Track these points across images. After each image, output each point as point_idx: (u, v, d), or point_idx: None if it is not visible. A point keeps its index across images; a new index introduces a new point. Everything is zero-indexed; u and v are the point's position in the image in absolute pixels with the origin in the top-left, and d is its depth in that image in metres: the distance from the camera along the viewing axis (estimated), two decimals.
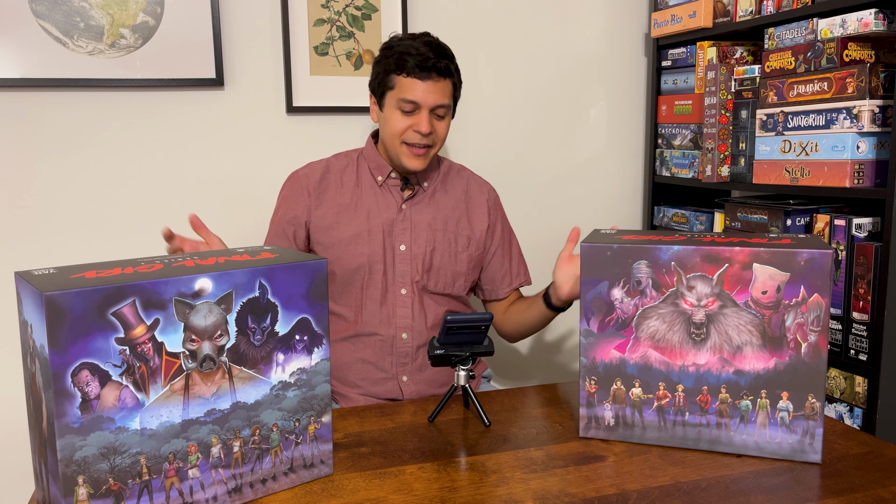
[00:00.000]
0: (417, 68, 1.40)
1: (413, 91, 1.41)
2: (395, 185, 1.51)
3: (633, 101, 2.21)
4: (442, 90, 1.43)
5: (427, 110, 1.42)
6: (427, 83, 1.41)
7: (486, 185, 1.61)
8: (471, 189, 1.58)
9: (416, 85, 1.40)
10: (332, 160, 1.55)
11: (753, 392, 1.04)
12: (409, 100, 1.41)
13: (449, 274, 1.51)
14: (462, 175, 1.59)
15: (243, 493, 0.94)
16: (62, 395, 0.78)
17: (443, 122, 1.46)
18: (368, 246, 1.47)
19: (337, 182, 1.51)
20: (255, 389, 0.93)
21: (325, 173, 1.52)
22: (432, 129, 1.43)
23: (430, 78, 1.41)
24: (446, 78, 1.43)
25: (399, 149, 1.44)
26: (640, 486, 0.97)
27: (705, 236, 1.11)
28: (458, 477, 1.00)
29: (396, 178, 1.51)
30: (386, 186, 1.51)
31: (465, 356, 1.19)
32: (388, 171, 1.50)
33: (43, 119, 1.73)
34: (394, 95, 1.43)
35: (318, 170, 1.52)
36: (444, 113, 1.45)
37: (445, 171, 1.57)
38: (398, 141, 1.44)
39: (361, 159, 1.54)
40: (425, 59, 1.40)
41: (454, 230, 1.53)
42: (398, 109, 1.43)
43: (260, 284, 0.91)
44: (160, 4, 1.75)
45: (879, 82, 1.47)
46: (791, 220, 1.66)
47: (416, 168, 1.45)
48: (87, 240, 1.79)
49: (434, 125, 1.44)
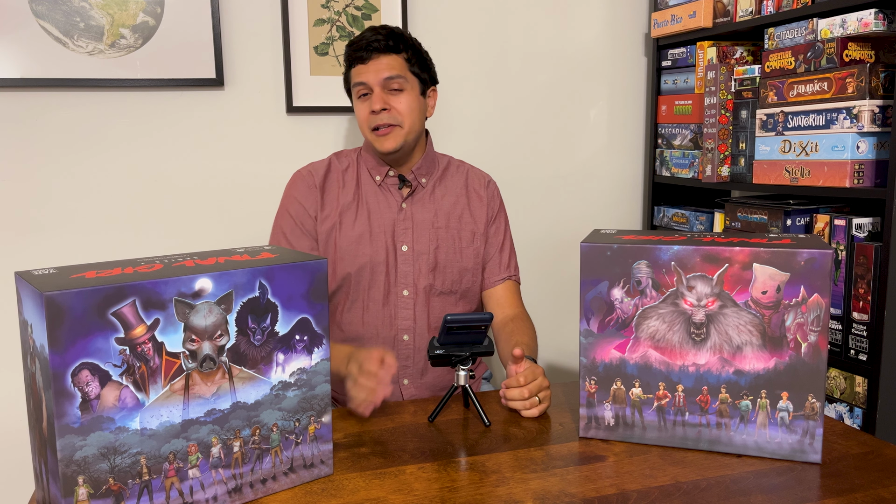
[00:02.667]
0: (360, 51, 1.44)
1: (360, 74, 1.44)
2: (395, 183, 1.50)
3: (633, 101, 2.21)
4: (387, 65, 1.43)
5: (378, 88, 1.43)
6: (369, 63, 1.44)
7: (485, 176, 1.59)
8: (470, 181, 1.57)
9: (361, 69, 1.45)
10: (334, 159, 1.54)
11: (753, 392, 1.04)
12: (358, 82, 1.45)
13: (455, 270, 1.50)
14: (461, 169, 1.58)
15: (243, 493, 0.94)
16: (62, 395, 0.78)
17: (401, 96, 1.44)
18: (370, 247, 1.46)
19: (339, 182, 1.51)
20: (255, 389, 0.93)
21: (327, 173, 1.51)
22: (387, 105, 1.43)
23: (371, 57, 1.43)
24: (390, 53, 1.44)
25: (370, 136, 1.46)
26: (640, 486, 0.97)
27: (705, 236, 1.11)
28: (458, 477, 1.00)
29: (395, 177, 1.51)
30: (385, 186, 1.50)
31: (465, 356, 1.19)
32: (385, 170, 1.50)
33: (43, 119, 1.73)
34: (353, 89, 1.47)
35: (321, 169, 1.51)
36: (398, 86, 1.44)
37: (444, 167, 1.56)
38: (367, 129, 1.46)
39: (361, 159, 1.54)
40: (365, 41, 1.44)
41: (457, 226, 1.52)
42: (358, 100, 1.47)
43: (260, 284, 0.91)
44: (160, 4, 1.75)
45: (879, 82, 1.47)
46: (791, 220, 1.66)
47: (388, 149, 1.44)
48: (87, 240, 1.79)
49: (389, 101, 1.43)
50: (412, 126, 1.46)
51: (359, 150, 1.56)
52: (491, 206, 1.56)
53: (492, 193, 1.58)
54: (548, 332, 2.19)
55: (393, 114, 1.43)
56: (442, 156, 1.59)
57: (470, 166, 1.60)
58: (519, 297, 1.57)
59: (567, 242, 2.18)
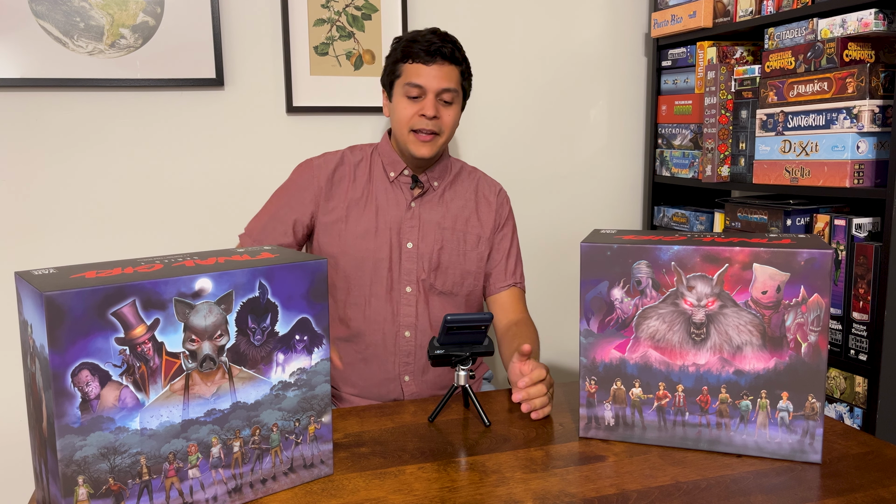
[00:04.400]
0: (422, 52, 1.42)
1: (418, 75, 1.42)
2: (407, 182, 1.51)
3: (633, 101, 2.21)
4: (447, 74, 1.43)
5: (433, 94, 1.42)
6: (431, 67, 1.42)
7: (496, 184, 1.61)
8: (480, 188, 1.57)
9: (421, 69, 1.42)
10: (347, 153, 1.54)
11: (753, 392, 1.04)
12: (414, 83, 1.42)
13: (458, 273, 1.51)
14: (473, 176, 1.59)
15: (243, 493, 0.94)
16: (62, 395, 0.78)
17: (450, 109, 1.46)
18: (375, 242, 1.47)
19: (350, 176, 1.51)
20: (255, 389, 0.93)
21: (339, 165, 1.51)
22: (438, 115, 1.43)
23: (435, 62, 1.42)
24: (451, 63, 1.44)
25: (407, 137, 1.45)
26: (640, 486, 0.97)
27: (705, 236, 1.11)
28: (458, 477, 1.00)
29: (408, 176, 1.51)
30: (397, 183, 1.51)
31: (465, 356, 1.19)
32: (401, 167, 1.50)
33: (43, 119, 1.73)
34: (400, 83, 1.45)
35: (333, 161, 1.52)
36: (450, 98, 1.45)
37: (457, 172, 1.57)
38: (406, 129, 1.44)
39: (375, 154, 1.54)
40: (430, 43, 1.42)
41: (463, 229, 1.52)
42: (405, 96, 1.44)
43: (260, 284, 0.91)
44: (160, 4, 1.75)
45: (879, 82, 1.47)
46: (791, 220, 1.66)
47: (423, 155, 1.44)
48: (87, 240, 1.79)
49: (440, 111, 1.44)
50: (449, 137, 1.49)
51: (374, 146, 1.56)
52: (500, 213, 1.57)
53: (501, 201, 1.59)
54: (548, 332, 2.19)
55: (439, 123, 1.44)
56: (455, 161, 1.59)
57: (482, 173, 1.61)
58: (523, 304, 1.58)
59: (567, 242, 2.18)
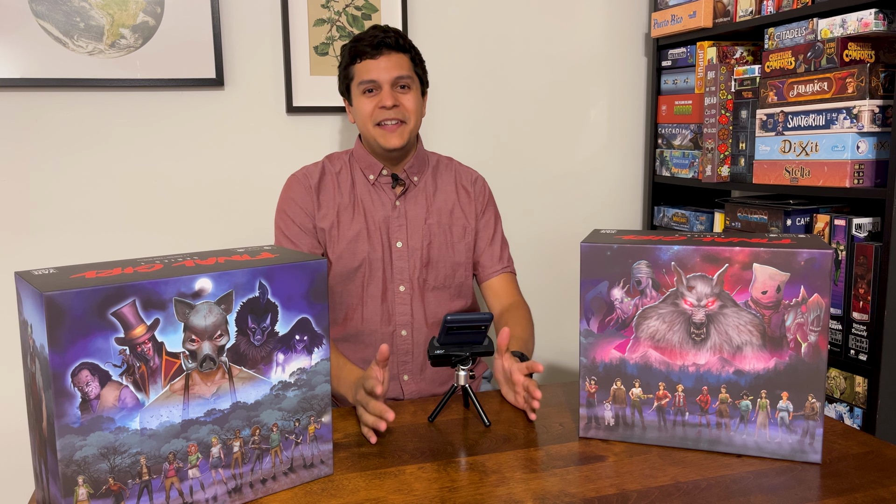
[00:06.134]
0: (368, 48, 1.44)
1: (368, 71, 1.45)
2: (388, 182, 1.52)
3: (633, 101, 2.21)
4: (397, 63, 1.45)
5: (388, 85, 1.44)
6: (380, 59, 1.44)
7: (472, 172, 1.62)
8: (459, 178, 1.59)
9: (370, 64, 1.45)
10: (326, 163, 1.55)
11: (753, 392, 1.04)
12: (367, 80, 1.45)
13: (448, 265, 1.52)
14: (450, 167, 1.60)
15: (243, 493, 0.94)
16: (62, 395, 0.78)
17: (408, 94, 1.47)
18: (368, 244, 1.48)
19: (333, 183, 1.52)
20: (255, 389, 0.93)
21: (322, 175, 1.52)
22: (397, 102, 1.45)
23: (382, 54, 1.44)
24: (399, 52, 1.46)
25: (374, 132, 1.46)
26: (640, 486, 0.97)
27: (705, 236, 1.11)
28: (458, 477, 1.00)
29: (388, 176, 1.51)
30: (379, 185, 1.52)
31: (464, 356, 1.19)
32: (378, 168, 1.51)
33: (43, 119, 1.73)
34: (355, 84, 1.47)
35: (316, 172, 1.53)
36: (406, 84, 1.47)
37: (434, 165, 1.58)
38: (371, 124, 1.46)
39: (353, 160, 1.55)
40: (373, 37, 1.44)
41: (448, 221, 1.54)
42: (362, 95, 1.46)
43: (260, 284, 0.91)
44: (160, 4, 1.75)
45: (879, 82, 1.47)
46: (791, 220, 1.66)
47: (394, 145, 1.45)
48: (87, 240, 1.79)
49: (399, 98, 1.45)
50: (416, 124, 1.49)
51: (349, 153, 1.57)
52: (479, 200, 1.58)
53: (480, 189, 1.60)
54: (548, 332, 2.19)
55: (401, 111, 1.45)
56: (431, 154, 1.60)
57: (458, 163, 1.62)
58: (515, 286, 1.59)
59: (567, 242, 2.18)
